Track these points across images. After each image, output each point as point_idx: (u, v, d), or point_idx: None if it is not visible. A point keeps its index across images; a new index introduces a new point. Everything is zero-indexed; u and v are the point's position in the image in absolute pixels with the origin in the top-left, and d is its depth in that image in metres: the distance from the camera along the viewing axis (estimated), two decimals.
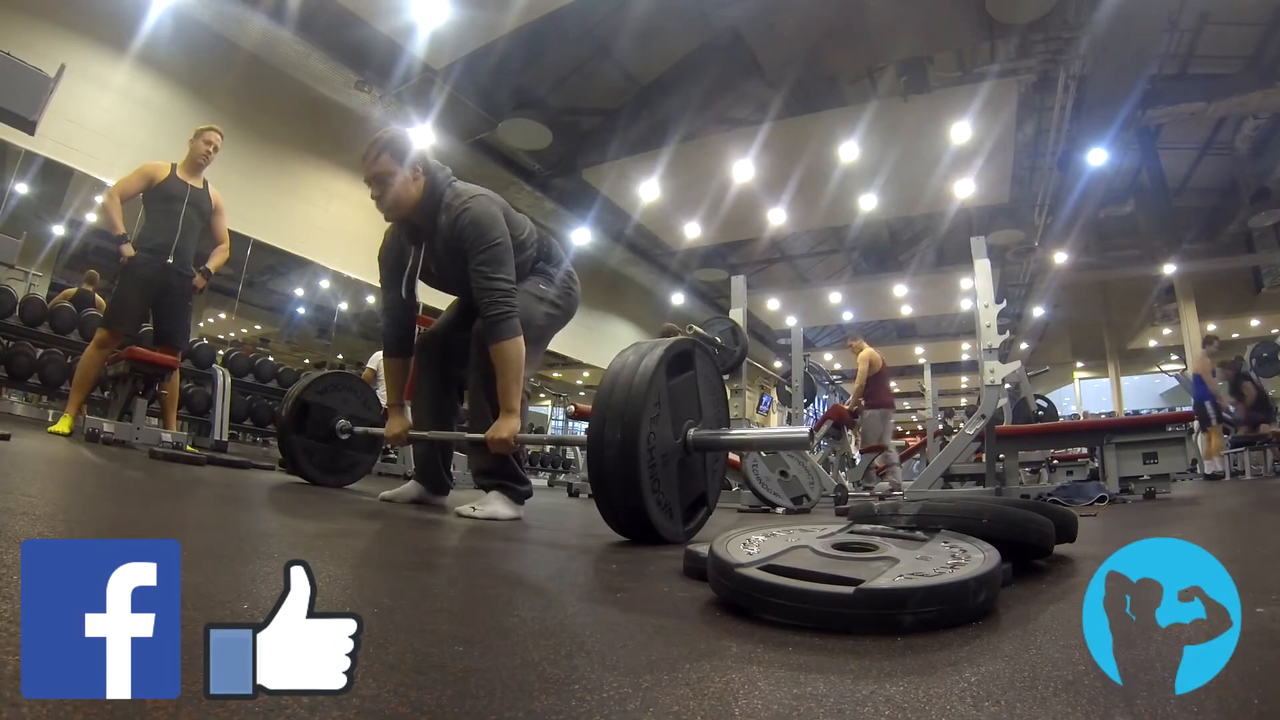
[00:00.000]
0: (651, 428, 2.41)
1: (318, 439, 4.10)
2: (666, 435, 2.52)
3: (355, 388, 4.39)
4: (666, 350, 2.50)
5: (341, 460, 4.23)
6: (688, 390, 2.68)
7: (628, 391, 2.38)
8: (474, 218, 3.21)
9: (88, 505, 2.23)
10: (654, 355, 2.46)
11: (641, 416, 2.35)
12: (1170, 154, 15.66)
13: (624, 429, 2.34)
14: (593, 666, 0.89)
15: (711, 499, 2.91)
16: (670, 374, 2.56)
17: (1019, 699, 0.83)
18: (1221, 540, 3.01)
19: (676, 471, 2.59)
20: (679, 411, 2.61)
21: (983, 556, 1.35)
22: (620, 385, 2.40)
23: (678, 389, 2.60)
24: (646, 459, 2.38)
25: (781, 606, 1.18)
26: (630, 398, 2.37)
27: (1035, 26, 11.40)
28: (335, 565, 1.57)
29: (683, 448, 2.61)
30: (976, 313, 6.59)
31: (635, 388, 2.38)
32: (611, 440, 2.36)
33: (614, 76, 12.43)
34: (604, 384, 2.47)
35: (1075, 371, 27.20)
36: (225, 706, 0.66)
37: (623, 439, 2.34)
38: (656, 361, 2.44)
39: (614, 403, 2.38)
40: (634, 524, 2.46)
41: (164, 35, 9.81)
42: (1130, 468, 6.04)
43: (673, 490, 2.57)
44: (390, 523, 2.77)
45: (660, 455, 2.47)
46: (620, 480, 2.38)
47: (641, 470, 2.35)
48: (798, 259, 20.35)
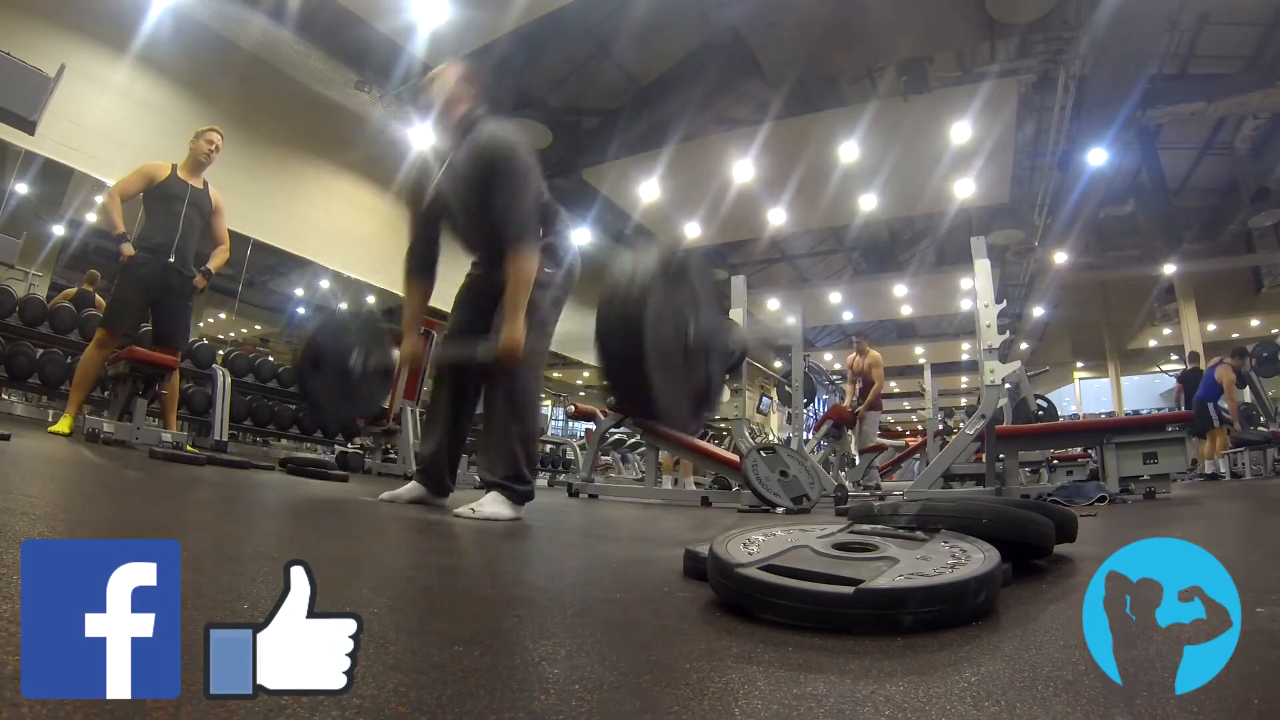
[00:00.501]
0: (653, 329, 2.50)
1: (332, 374, 4.18)
2: (667, 334, 2.63)
3: (367, 323, 4.48)
4: (661, 257, 2.61)
5: (357, 393, 4.32)
6: (684, 296, 2.76)
7: (627, 297, 2.48)
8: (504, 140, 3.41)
9: (88, 505, 2.22)
10: (649, 261, 2.57)
11: (643, 319, 2.45)
12: (1170, 154, 15.66)
13: (627, 331, 2.45)
14: (593, 666, 0.89)
15: (715, 394, 3.00)
16: (666, 281, 2.65)
17: (1019, 699, 0.83)
18: (1222, 540, 3.01)
19: (680, 368, 2.71)
20: (678, 315, 2.71)
21: (983, 556, 1.34)
22: (620, 291, 2.49)
23: (675, 294, 2.69)
24: (652, 358, 2.47)
25: (782, 606, 1.17)
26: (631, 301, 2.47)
27: (1035, 26, 11.42)
28: (335, 565, 1.57)
29: (684, 349, 2.72)
30: (976, 313, 6.57)
31: (635, 292, 2.48)
32: (618, 341, 2.47)
33: (614, 76, 12.44)
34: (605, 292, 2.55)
35: (1075, 371, 27.17)
36: (225, 706, 0.66)
37: (627, 341, 2.45)
38: (652, 268, 2.55)
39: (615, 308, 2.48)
40: (645, 407, 2.58)
41: (164, 35, 9.82)
42: (1130, 468, 6.02)
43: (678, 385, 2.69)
44: (390, 523, 2.77)
45: (663, 355, 2.58)
46: (629, 381, 2.52)
47: (649, 369, 2.45)
48: (798, 259, 20.36)
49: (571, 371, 21.86)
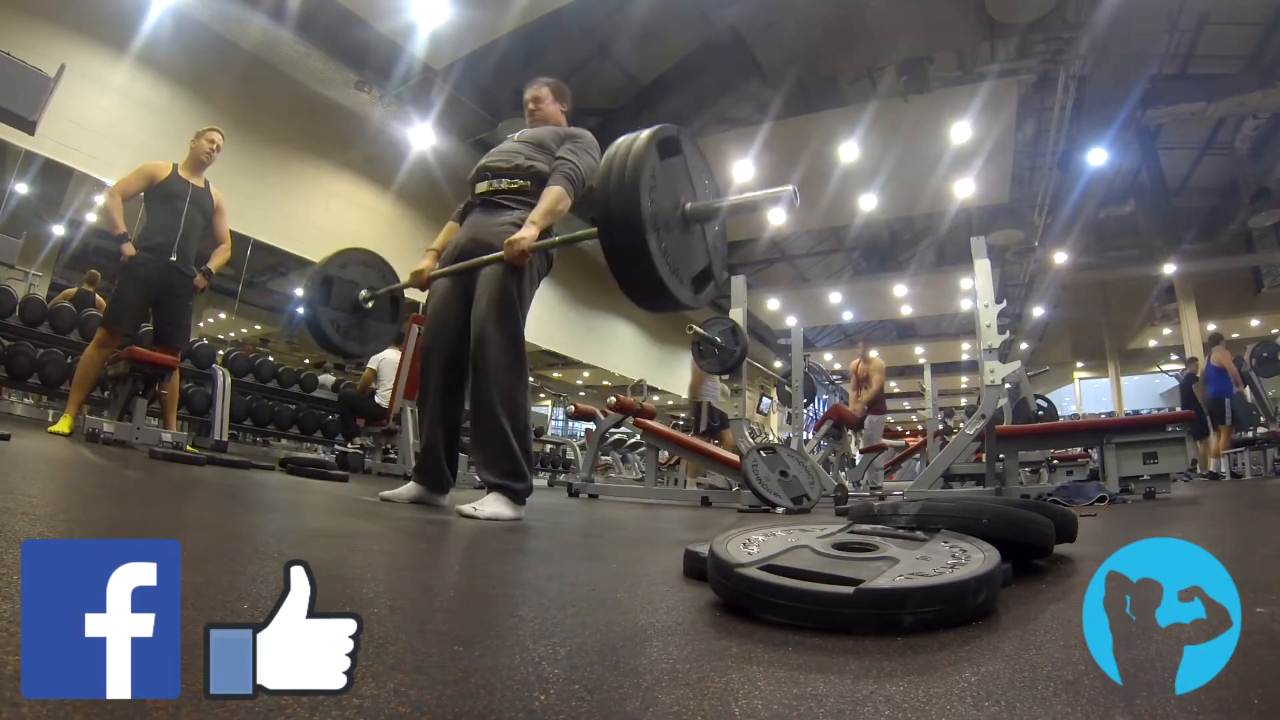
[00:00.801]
0: (651, 196, 2.56)
1: (343, 310, 4.27)
2: (665, 205, 2.67)
3: (374, 264, 4.66)
4: (654, 133, 2.64)
5: (366, 329, 4.44)
6: (678, 171, 2.80)
7: (624, 166, 2.54)
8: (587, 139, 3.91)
9: (88, 505, 2.22)
10: (643, 136, 2.61)
11: (640, 186, 2.51)
12: (1170, 154, 15.67)
13: (626, 197, 2.51)
14: (592, 666, 0.89)
15: (716, 273, 3.03)
16: (661, 155, 2.68)
17: (1019, 699, 0.83)
18: (1222, 539, 3.00)
19: (680, 239, 2.75)
20: (673, 188, 2.74)
21: (983, 556, 1.34)
22: (617, 161, 2.56)
23: (669, 168, 2.73)
24: (650, 222, 2.53)
25: (781, 606, 1.17)
26: (627, 170, 2.53)
27: (1035, 26, 11.42)
28: (335, 565, 1.57)
29: (682, 219, 2.76)
30: (976, 313, 6.57)
31: (631, 161, 2.54)
32: (618, 207, 2.53)
33: (614, 76, 12.43)
34: (603, 167, 2.63)
35: (1075, 371, 27.20)
36: (225, 706, 0.66)
37: (626, 203, 2.51)
38: (645, 141, 2.59)
39: (613, 179, 2.55)
40: (648, 286, 2.63)
41: (164, 35, 9.82)
42: (1130, 468, 6.02)
43: (679, 256, 2.72)
44: (389, 522, 2.77)
45: (663, 222, 2.62)
46: (630, 243, 2.54)
47: (647, 231, 2.51)
48: (798, 259, 20.37)
49: (571, 371, 21.87)
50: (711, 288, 2.97)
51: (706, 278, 2.92)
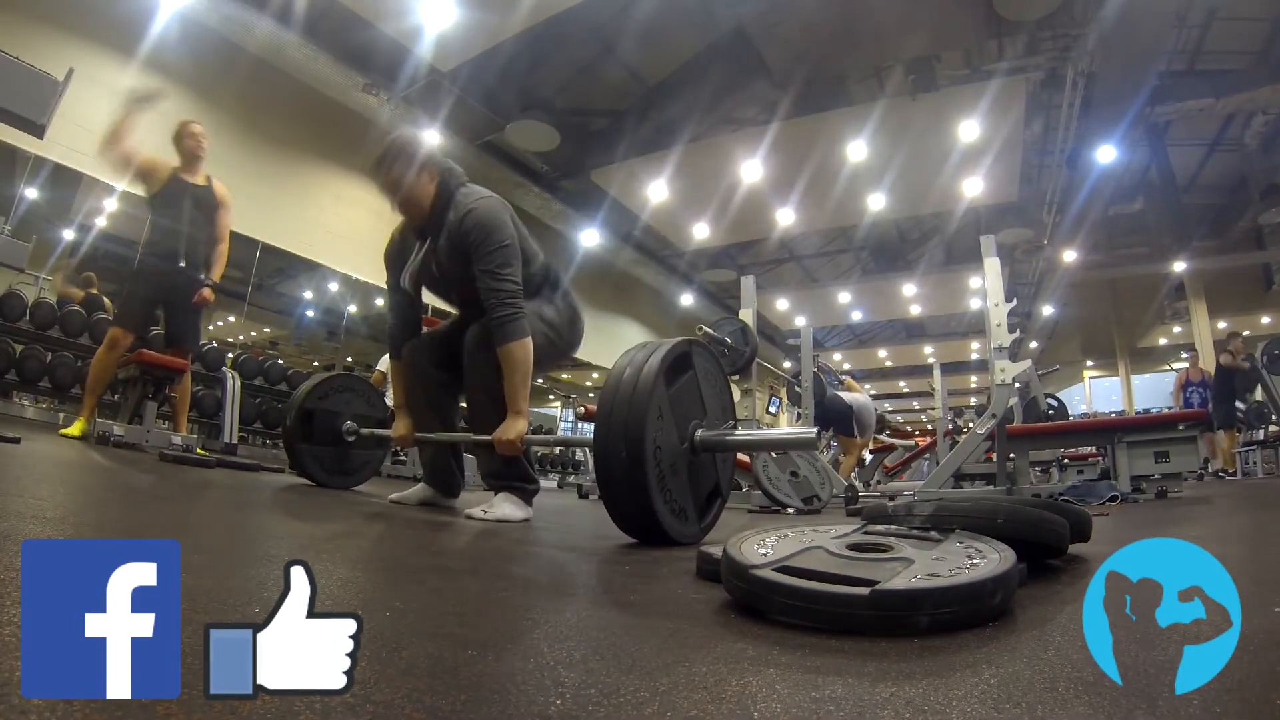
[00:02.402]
0: (656, 439, 2.41)
1: (325, 444, 4.12)
2: (672, 441, 2.52)
3: (358, 388, 4.42)
4: (663, 359, 2.48)
5: (350, 462, 4.26)
6: (689, 392, 2.67)
7: (628, 406, 2.37)
8: (480, 218, 3.19)
9: (97, 508, 2.23)
10: (651, 365, 2.44)
11: (645, 429, 2.34)
12: (1179, 151, 15.61)
13: (628, 445, 2.34)
14: (608, 670, 0.88)
15: (725, 489, 2.90)
16: (669, 380, 2.54)
17: (1039, 701, 0.82)
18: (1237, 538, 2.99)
19: (686, 472, 2.60)
20: (682, 414, 2.60)
21: (999, 557, 1.33)
22: (620, 400, 2.39)
23: (679, 393, 2.59)
24: (654, 469, 2.38)
25: (796, 608, 1.16)
26: (631, 411, 2.36)
27: (1043, 23, 11.38)
28: (345, 568, 1.56)
29: (690, 450, 2.61)
30: (986, 312, 6.55)
31: (636, 400, 2.37)
32: (617, 456, 2.36)
33: (621, 77, 12.43)
34: (603, 400, 2.46)
35: (1085, 370, 27.11)
36: (225, 707, 0.66)
37: (628, 455, 2.34)
38: (655, 372, 2.42)
39: (615, 420, 2.37)
40: (648, 531, 2.45)
41: (171, 40, 9.84)
42: (1142, 467, 6.00)
43: (684, 492, 2.57)
44: (399, 525, 2.77)
45: (668, 463, 2.48)
46: (629, 493, 2.39)
47: (650, 480, 2.35)
48: (806, 259, 20.34)
49: (581, 373, 21.88)
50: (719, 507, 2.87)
51: (713, 498, 2.83)
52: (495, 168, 13.88)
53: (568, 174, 14.75)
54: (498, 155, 13.86)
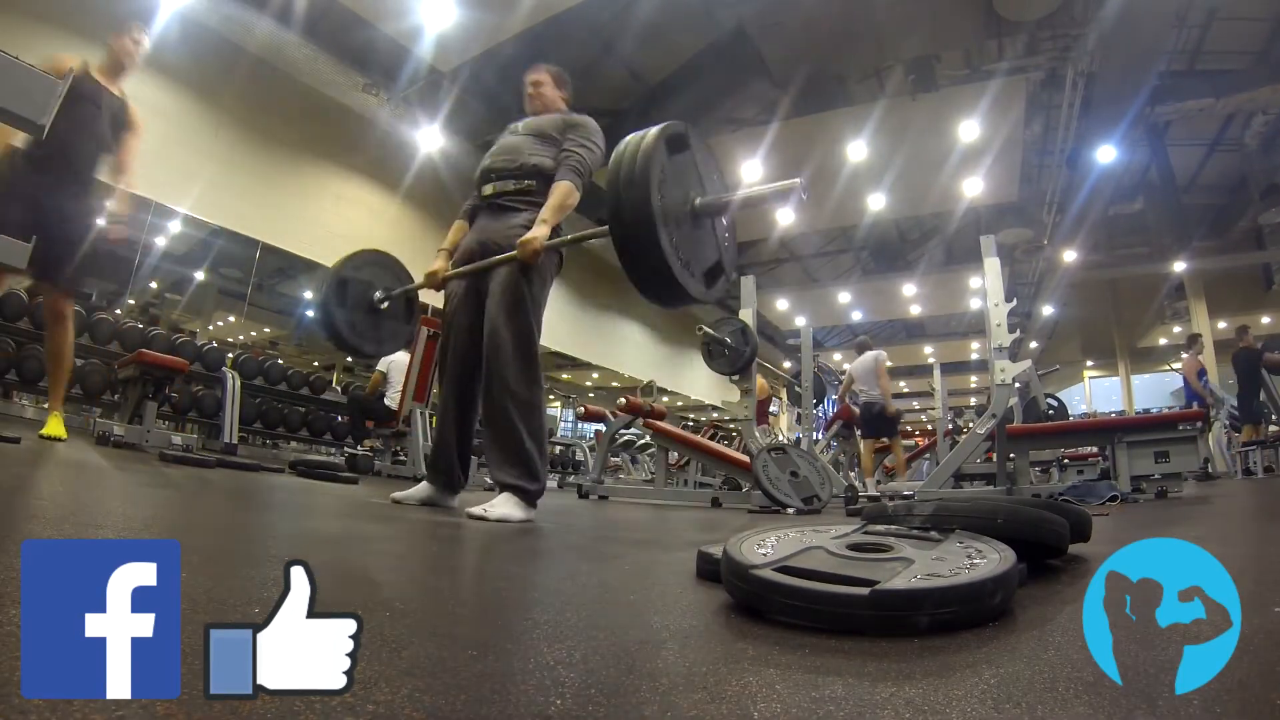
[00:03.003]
0: (660, 191, 2.57)
1: (358, 310, 4.29)
2: (675, 200, 2.69)
3: (388, 264, 4.67)
4: (660, 131, 2.65)
5: (381, 330, 4.46)
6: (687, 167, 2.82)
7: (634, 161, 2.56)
8: (592, 125, 3.99)
9: (97, 508, 2.22)
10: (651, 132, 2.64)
11: (650, 181, 2.52)
12: (1179, 151, 15.60)
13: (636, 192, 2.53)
14: (608, 670, 0.88)
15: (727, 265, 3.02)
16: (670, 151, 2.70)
17: (1039, 701, 0.82)
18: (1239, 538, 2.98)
19: (690, 233, 2.76)
20: (683, 183, 2.76)
21: (998, 557, 1.33)
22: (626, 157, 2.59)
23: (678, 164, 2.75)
24: (661, 216, 2.54)
25: (796, 608, 1.16)
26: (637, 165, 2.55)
27: (1043, 24, 11.39)
28: (346, 568, 1.56)
29: (692, 213, 2.77)
30: (986, 312, 6.55)
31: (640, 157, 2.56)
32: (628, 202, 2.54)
33: (621, 77, 12.43)
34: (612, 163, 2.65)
35: (1085, 370, 27.11)
36: (225, 707, 0.66)
37: (636, 198, 2.52)
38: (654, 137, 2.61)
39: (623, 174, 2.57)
40: (660, 279, 2.61)
41: (171, 40, 9.82)
42: (1142, 466, 6.00)
43: (690, 250, 2.73)
44: (399, 525, 2.77)
45: (673, 217, 2.64)
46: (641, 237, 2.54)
47: (658, 224, 2.52)
48: (806, 259, 20.33)
49: (581, 373, 21.88)
50: (722, 282, 2.96)
51: (717, 272, 2.92)
52: None
53: None
54: None
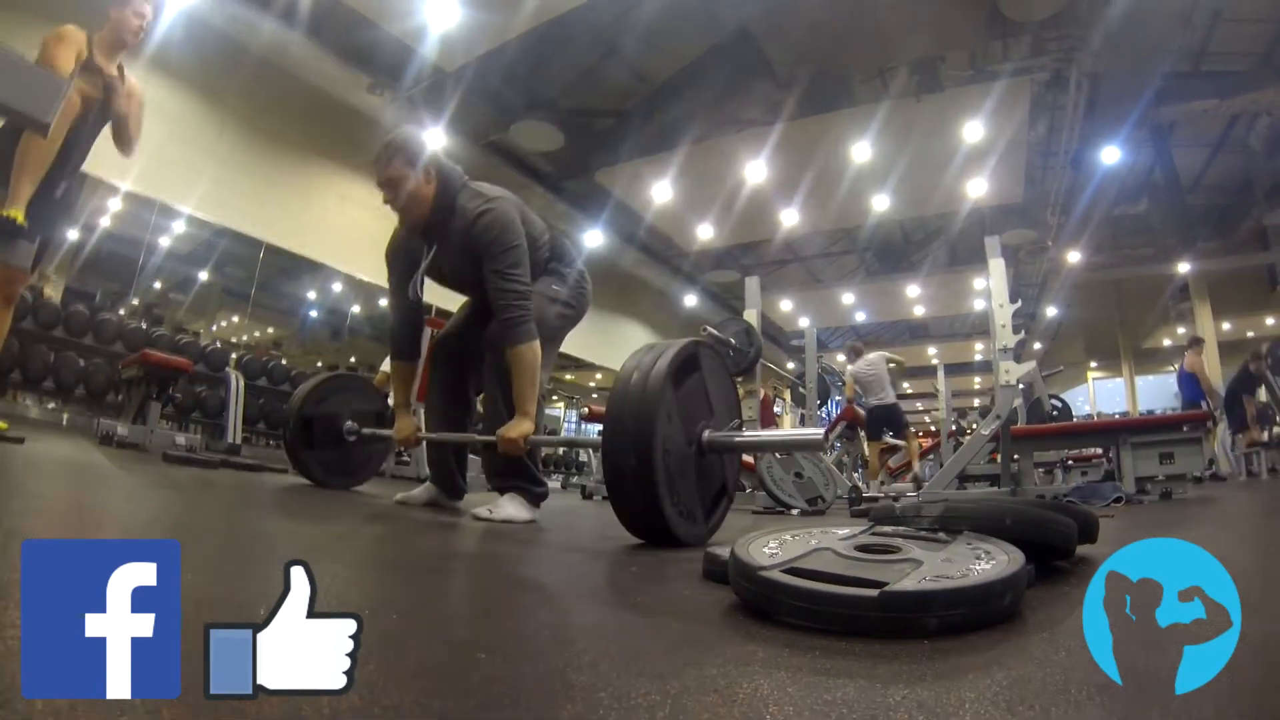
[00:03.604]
0: (665, 442, 2.38)
1: (327, 447, 4.12)
2: (679, 443, 2.50)
3: (353, 386, 4.45)
4: (671, 361, 2.45)
5: (352, 462, 4.26)
6: (696, 392, 2.64)
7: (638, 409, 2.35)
8: (490, 221, 3.20)
9: (100, 508, 2.22)
10: (659, 368, 2.42)
11: (654, 434, 2.32)
12: (1184, 151, 15.55)
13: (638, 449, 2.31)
14: (618, 673, 0.87)
15: (731, 488, 2.89)
16: (677, 382, 2.52)
17: (1053, 703, 0.81)
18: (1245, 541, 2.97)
19: (694, 473, 2.58)
20: (690, 416, 2.58)
21: (1007, 558, 1.32)
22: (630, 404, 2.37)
23: (686, 394, 2.57)
24: (663, 471, 2.35)
25: (805, 609, 1.15)
26: (640, 414, 2.34)
27: (1048, 24, 11.36)
28: (350, 570, 1.55)
29: (697, 451, 2.60)
30: (991, 313, 6.54)
31: (645, 404, 2.35)
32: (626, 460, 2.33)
33: (625, 78, 12.42)
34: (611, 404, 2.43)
35: (1089, 371, 27.06)
36: (225, 707, 0.66)
37: (638, 459, 2.31)
38: (663, 375, 2.40)
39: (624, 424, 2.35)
40: (656, 533, 2.42)
41: (176, 39, 9.83)
42: (1146, 468, 5.99)
43: (691, 493, 2.56)
44: (404, 526, 2.76)
45: (676, 465, 2.45)
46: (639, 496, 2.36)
47: (659, 483, 2.33)
48: (810, 260, 20.31)
49: (584, 374, 21.87)
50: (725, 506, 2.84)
51: (720, 498, 2.81)
52: (500, 168, 13.90)
53: (572, 174, 14.75)
54: (502, 155, 13.86)
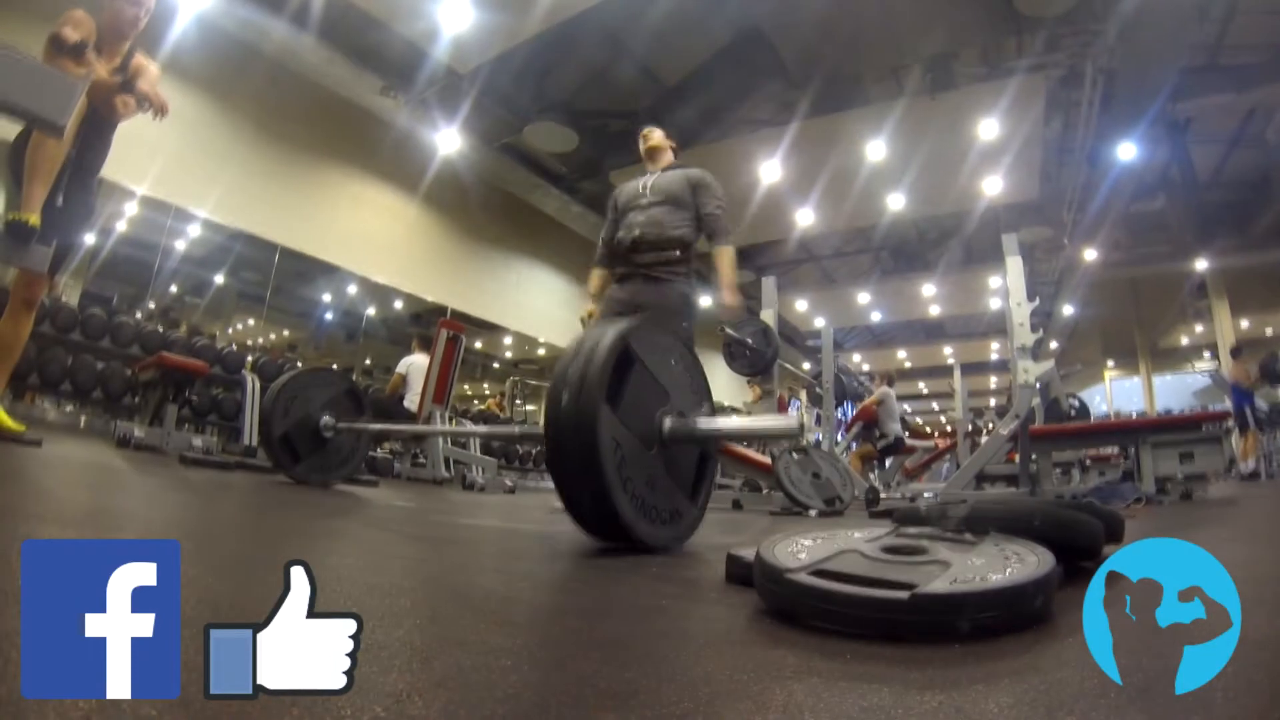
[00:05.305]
0: (618, 452, 2.19)
1: (310, 453, 4.21)
2: (633, 446, 2.28)
3: (317, 380, 4.58)
4: (601, 371, 2.19)
5: (334, 457, 4.37)
6: (642, 386, 2.40)
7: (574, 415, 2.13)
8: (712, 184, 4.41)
9: (115, 510, 2.22)
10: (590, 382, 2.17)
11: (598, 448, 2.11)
12: (1200, 147, 15.41)
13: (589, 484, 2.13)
14: (649, 679, 0.85)
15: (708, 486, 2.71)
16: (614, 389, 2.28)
17: (1093, 708, 0.79)
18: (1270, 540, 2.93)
19: (660, 473, 2.39)
20: (643, 403, 2.38)
21: (1036, 559, 1.30)
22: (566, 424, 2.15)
23: (632, 393, 2.34)
24: (621, 484, 2.17)
25: (834, 613, 1.13)
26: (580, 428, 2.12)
27: (1062, 20, 11.28)
28: (369, 574, 1.53)
29: (661, 444, 2.40)
30: (1008, 311, 6.50)
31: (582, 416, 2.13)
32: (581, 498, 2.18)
33: (638, 79, 12.41)
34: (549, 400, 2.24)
35: (1106, 370, 26.90)
36: (226, 707, 0.66)
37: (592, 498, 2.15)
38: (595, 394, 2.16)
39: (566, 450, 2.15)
40: (612, 532, 2.23)
41: (189, 43, 9.86)
42: (1166, 468, 5.94)
43: (666, 493, 2.39)
44: (423, 528, 2.75)
45: (638, 471, 2.27)
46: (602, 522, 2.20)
47: (622, 506, 2.15)
48: (825, 260, 20.26)
49: None
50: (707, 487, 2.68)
51: (700, 479, 2.64)
52: (514, 169, 13.92)
53: (586, 175, 14.74)
54: (516, 157, 13.88)
